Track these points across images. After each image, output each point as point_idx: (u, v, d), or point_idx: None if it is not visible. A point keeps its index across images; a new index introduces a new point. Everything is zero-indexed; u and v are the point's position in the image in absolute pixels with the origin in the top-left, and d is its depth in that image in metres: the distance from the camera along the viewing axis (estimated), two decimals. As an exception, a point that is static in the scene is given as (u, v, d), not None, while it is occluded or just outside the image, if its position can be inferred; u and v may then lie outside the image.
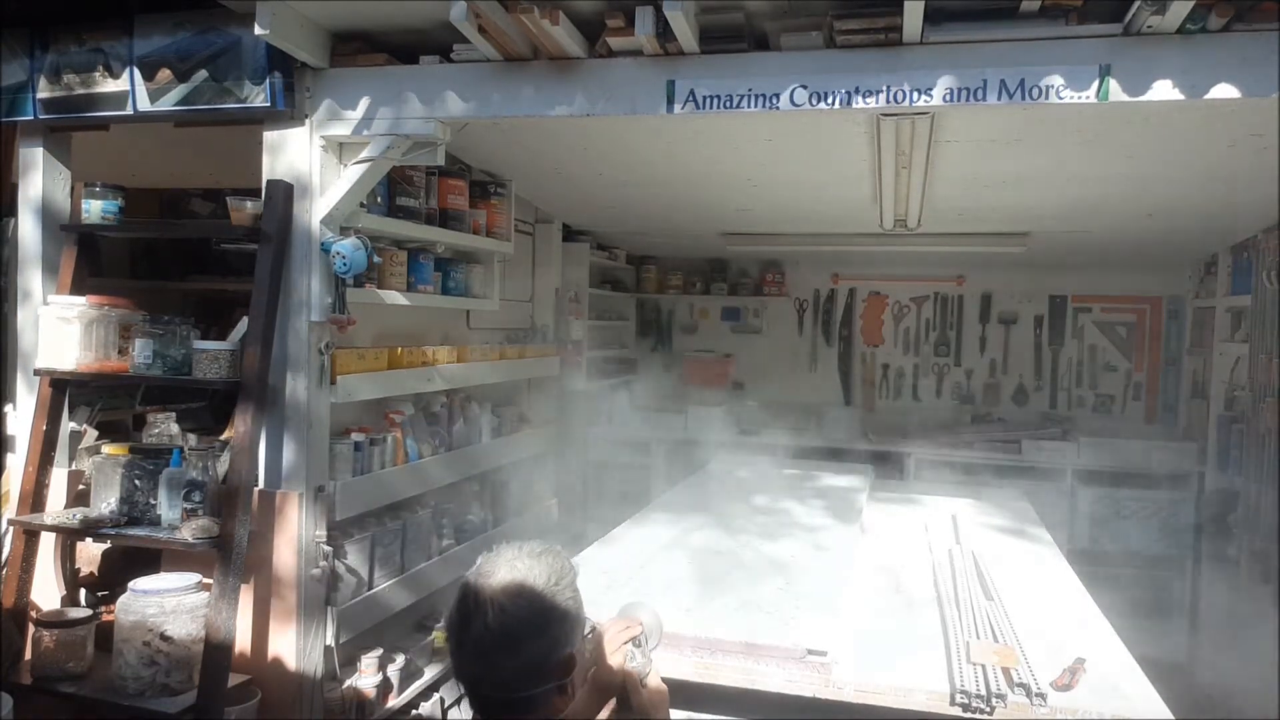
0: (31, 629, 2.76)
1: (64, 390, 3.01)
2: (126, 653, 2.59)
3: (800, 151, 3.39)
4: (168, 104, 2.87)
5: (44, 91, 2.99)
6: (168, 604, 2.61)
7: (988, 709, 1.90)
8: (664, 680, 1.77)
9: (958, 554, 2.89)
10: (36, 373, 2.92)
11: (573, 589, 1.50)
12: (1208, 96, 2.22)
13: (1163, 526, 4.75)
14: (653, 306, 6.37)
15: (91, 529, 2.75)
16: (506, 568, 1.45)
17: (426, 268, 3.44)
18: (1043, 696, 1.89)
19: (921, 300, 5.88)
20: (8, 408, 3.24)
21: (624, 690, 1.65)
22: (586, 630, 1.55)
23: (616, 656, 1.67)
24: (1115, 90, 2.26)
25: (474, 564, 1.50)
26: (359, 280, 2.97)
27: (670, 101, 2.54)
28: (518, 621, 1.39)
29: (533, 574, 1.45)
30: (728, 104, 2.50)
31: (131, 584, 2.65)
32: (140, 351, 2.79)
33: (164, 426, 3.24)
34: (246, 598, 2.77)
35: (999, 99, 2.32)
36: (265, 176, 2.86)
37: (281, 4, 2.57)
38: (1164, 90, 2.24)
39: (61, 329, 2.85)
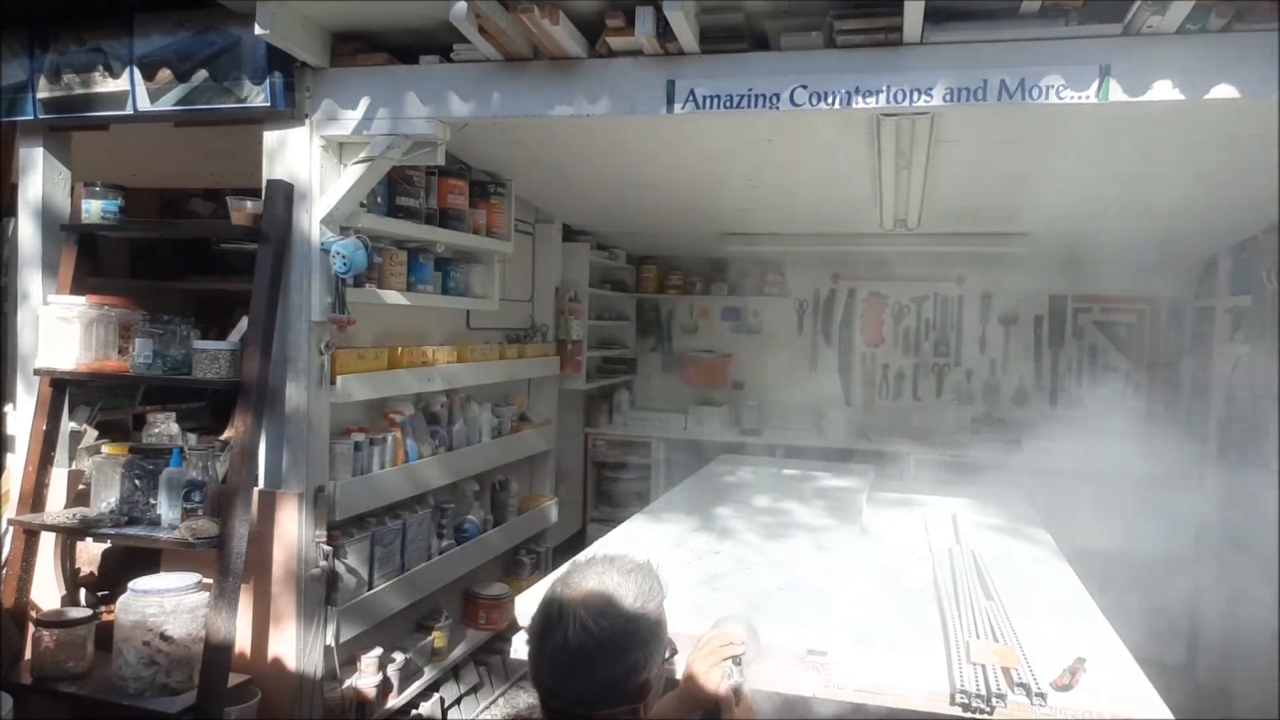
0: (31, 629, 2.76)
1: (64, 390, 3.01)
2: (126, 653, 2.59)
3: (800, 151, 3.39)
4: (168, 104, 2.87)
5: (44, 91, 2.99)
6: (168, 604, 2.62)
7: (988, 709, 1.89)
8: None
9: (958, 554, 2.89)
10: (36, 373, 2.92)
11: (660, 611, 1.44)
12: (1208, 96, 2.22)
13: (1163, 526, 4.75)
14: (653, 306, 6.36)
15: (91, 529, 2.75)
16: (595, 581, 1.40)
17: (426, 268, 3.44)
18: (1043, 696, 1.89)
19: (921, 300, 5.87)
20: (8, 408, 3.24)
21: (716, 706, 1.59)
22: (667, 655, 1.47)
23: (715, 672, 1.61)
24: (1115, 90, 2.26)
25: (565, 569, 1.46)
26: (359, 280, 2.97)
27: (670, 101, 2.54)
28: (597, 641, 1.33)
29: (620, 591, 1.39)
30: (728, 104, 2.50)
31: (131, 584, 2.66)
32: (140, 351, 2.79)
33: (164, 426, 3.24)
34: (246, 598, 2.77)
35: (999, 99, 2.33)
36: (265, 176, 2.86)
37: (281, 4, 2.57)
38: (1164, 90, 2.24)
39: (61, 329, 2.85)
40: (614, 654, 1.35)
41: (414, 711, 3.38)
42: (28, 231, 3.15)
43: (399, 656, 3.25)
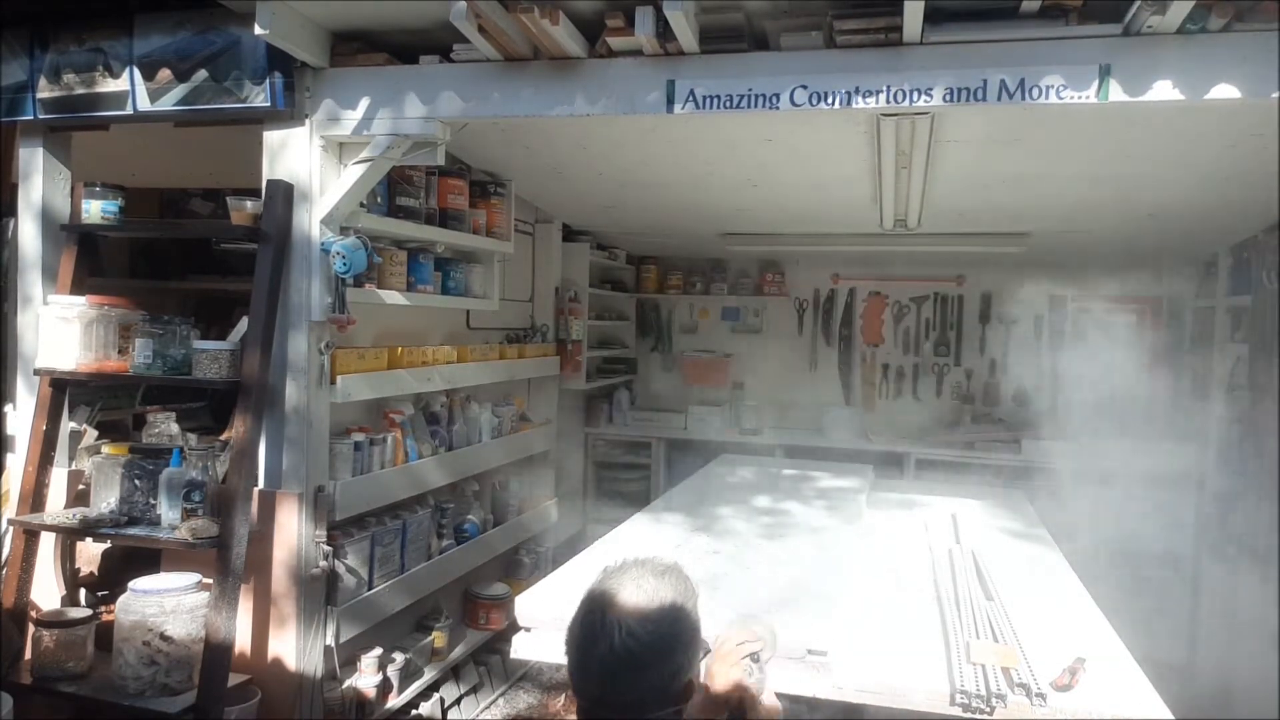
0: (31, 629, 2.76)
1: (64, 390, 3.01)
2: (126, 652, 2.59)
3: (800, 151, 3.39)
4: (168, 104, 2.87)
5: (44, 91, 2.99)
6: (168, 604, 2.62)
7: (988, 709, 1.90)
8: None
9: (958, 554, 2.89)
10: (36, 373, 2.92)
11: (696, 611, 1.46)
12: (1208, 96, 2.22)
13: (1163, 527, 4.75)
14: (653, 306, 6.36)
15: (91, 529, 2.75)
16: (633, 586, 1.42)
17: (426, 268, 3.44)
18: (1043, 696, 1.89)
19: (921, 300, 5.87)
20: (8, 408, 3.24)
21: (740, 706, 1.58)
22: (702, 655, 1.49)
23: (735, 670, 1.60)
24: (1115, 90, 2.26)
25: (598, 576, 1.46)
26: (359, 280, 2.97)
27: (670, 101, 2.54)
28: (644, 645, 1.35)
29: (660, 595, 1.41)
30: (728, 104, 2.50)
31: (131, 584, 2.66)
32: (140, 351, 2.79)
33: (164, 426, 3.24)
34: (246, 598, 2.77)
35: (999, 99, 2.33)
36: (265, 176, 2.86)
37: (281, 4, 2.57)
38: (1164, 90, 2.24)
39: (61, 329, 2.85)
40: (662, 656, 1.37)
41: (414, 711, 3.38)
42: (28, 232, 3.15)
43: (399, 656, 3.25)
